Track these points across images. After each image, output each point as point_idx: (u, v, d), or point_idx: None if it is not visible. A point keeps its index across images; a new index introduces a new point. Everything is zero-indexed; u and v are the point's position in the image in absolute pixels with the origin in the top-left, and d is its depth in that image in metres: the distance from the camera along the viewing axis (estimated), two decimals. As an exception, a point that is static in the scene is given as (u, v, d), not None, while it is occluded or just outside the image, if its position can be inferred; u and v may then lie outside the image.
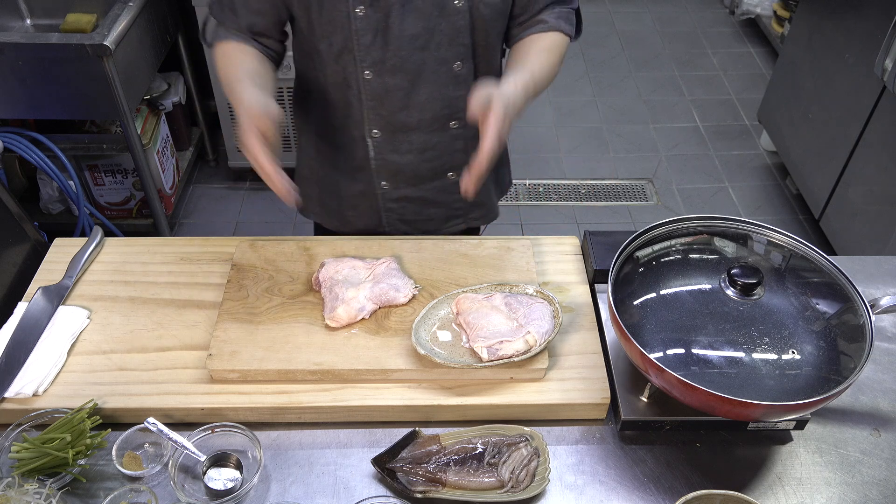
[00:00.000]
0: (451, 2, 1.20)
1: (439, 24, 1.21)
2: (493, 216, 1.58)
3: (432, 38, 1.22)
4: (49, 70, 2.19)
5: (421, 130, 1.33)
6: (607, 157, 3.39)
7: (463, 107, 1.31)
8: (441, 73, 1.27)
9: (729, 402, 0.90)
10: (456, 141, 1.37)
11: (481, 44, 1.27)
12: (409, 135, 1.33)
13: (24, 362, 1.10)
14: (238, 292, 1.20)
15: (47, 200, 2.76)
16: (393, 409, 1.07)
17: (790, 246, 1.12)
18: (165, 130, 2.82)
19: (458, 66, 1.27)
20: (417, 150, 1.36)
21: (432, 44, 1.23)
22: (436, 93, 1.29)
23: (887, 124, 2.43)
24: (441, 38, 1.23)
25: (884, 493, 1.02)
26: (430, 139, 1.35)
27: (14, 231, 1.34)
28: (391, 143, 1.35)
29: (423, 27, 1.21)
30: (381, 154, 1.37)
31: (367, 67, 1.24)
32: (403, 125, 1.32)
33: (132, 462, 1.01)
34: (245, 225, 2.99)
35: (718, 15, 4.48)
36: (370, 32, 1.20)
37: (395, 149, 1.36)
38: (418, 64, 1.25)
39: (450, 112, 1.32)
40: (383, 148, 1.36)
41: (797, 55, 2.99)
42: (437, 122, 1.33)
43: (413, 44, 1.22)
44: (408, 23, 1.20)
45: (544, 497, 1.00)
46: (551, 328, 1.10)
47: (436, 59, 1.25)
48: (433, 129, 1.34)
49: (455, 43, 1.24)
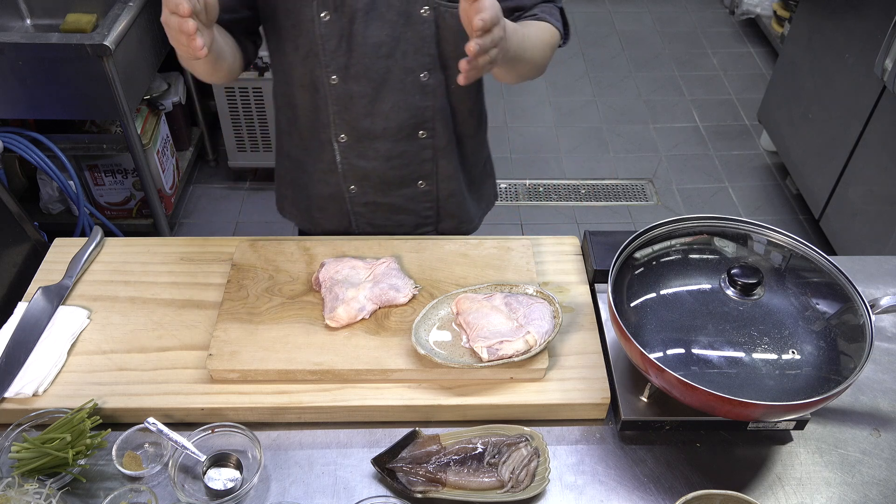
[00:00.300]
0: (417, 10, 1.18)
1: (405, 32, 1.20)
2: (470, 228, 1.56)
3: (398, 47, 1.21)
4: (49, 70, 2.19)
5: (387, 138, 1.32)
6: (607, 157, 3.39)
7: (430, 117, 1.31)
8: (407, 82, 1.25)
9: (729, 402, 0.90)
10: (424, 150, 1.36)
11: (451, 54, 1.25)
12: (374, 142, 1.33)
13: (24, 362, 1.10)
14: (238, 292, 1.20)
15: (47, 200, 2.76)
16: (393, 409, 1.07)
17: (790, 246, 1.12)
18: (165, 130, 2.82)
19: (424, 75, 1.25)
20: (384, 158, 1.35)
21: (398, 52, 1.22)
22: (401, 101, 1.27)
23: (887, 124, 2.43)
24: (407, 46, 1.21)
25: (884, 493, 1.02)
26: (396, 147, 1.34)
27: (14, 231, 1.34)
28: (357, 149, 1.34)
29: (387, 35, 1.20)
30: (347, 159, 1.36)
31: (332, 72, 1.24)
32: (368, 132, 1.31)
33: (132, 462, 1.01)
34: (245, 225, 2.99)
35: (718, 15, 4.48)
36: (335, 38, 1.20)
37: (361, 155, 1.35)
38: (383, 72, 1.24)
39: (417, 122, 1.31)
40: (349, 153, 1.35)
41: (797, 55, 2.99)
42: (404, 130, 1.32)
43: (377, 51, 1.21)
44: (371, 30, 1.19)
45: (544, 497, 1.00)
46: (551, 328, 1.10)
47: (401, 68, 1.24)
48: (399, 138, 1.33)
49: (421, 52, 1.22)
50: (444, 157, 1.39)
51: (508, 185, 3.22)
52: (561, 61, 4.02)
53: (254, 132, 2.97)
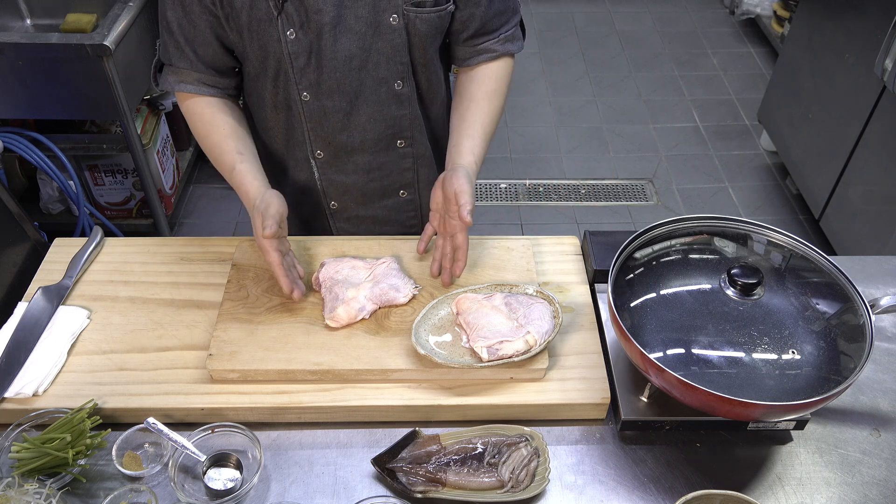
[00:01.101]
0: (387, 20, 1.17)
1: (375, 43, 1.19)
2: None
3: (369, 58, 1.20)
4: (49, 70, 2.19)
5: (365, 151, 1.32)
6: (607, 157, 3.39)
7: (407, 125, 1.31)
8: (381, 92, 1.25)
9: (729, 402, 0.90)
10: (404, 160, 1.36)
11: (420, 61, 1.25)
12: (352, 155, 1.32)
13: (24, 362, 1.10)
14: (238, 292, 1.20)
15: (47, 200, 2.76)
16: (393, 409, 1.07)
17: (790, 246, 1.12)
18: (165, 130, 2.82)
19: (398, 84, 1.25)
20: (363, 171, 1.35)
21: (370, 64, 1.21)
22: (377, 113, 1.27)
23: (887, 124, 2.43)
24: (378, 57, 1.21)
25: (884, 493, 1.02)
26: (376, 159, 1.34)
27: (14, 231, 1.34)
28: (335, 164, 1.34)
29: (357, 47, 1.18)
30: (325, 175, 1.36)
31: (304, 89, 1.23)
32: (346, 146, 1.31)
33: (132, 462, 1.01)
34: (245, 225, 2.99)
35: (718, 15, 4.48)
36: (303, 55, 1.18)
37: (339, 169, 1.35)
38: (356, 85, 1.23)
39: (394, 132, 1.31)
40: (327, 169, 1.35)
41: (797, 55, 2.99)
42: (382, 142, 1.31)
43: (349, 65, 1.20)
44: (341, 44, 1.18)
45: (544, 497, 1.00)
46: (551, 328, 1.10)
47: (374, 79, 1.23)
48: (378, 150, 1.32)
49: (393, 62, 1.22)
50: (424, 164, 1.39)
51: (508, 185, 3.22)
52: (561, 61, 4.03)
53: (254, 132, 2.97)
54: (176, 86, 1.24)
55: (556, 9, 4.51)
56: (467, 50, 1.28)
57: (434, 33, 1.22)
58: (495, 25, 1.26)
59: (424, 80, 1.29)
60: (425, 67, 1.26)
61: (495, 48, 1.27)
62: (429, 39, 1.22)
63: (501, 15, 1.26)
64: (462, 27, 1.25)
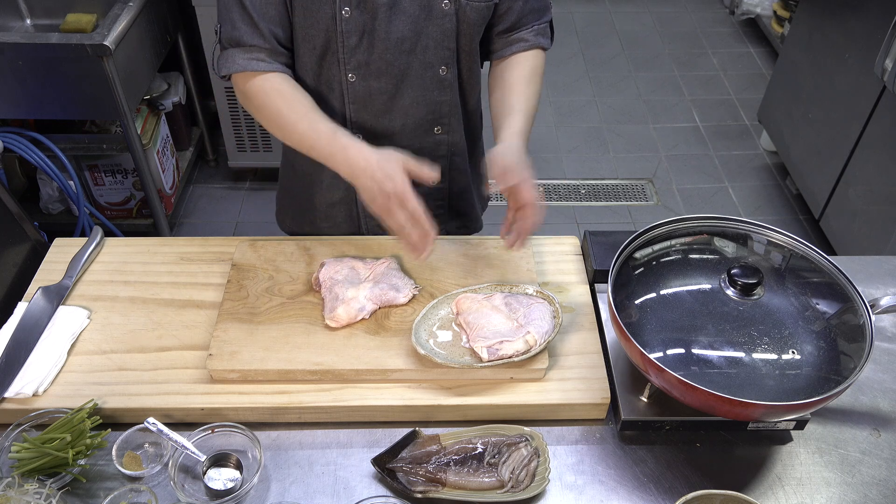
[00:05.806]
0: (439, 4, 1.19)
1: (426, 27, 1.21)
2: (475, 228, 1.58)
3: (419, 42, 1.22)
4: (49, 70, 2.19)
5: (404, 135, 1.32)
6: (607, 157, 3.39)
7: (447, 112, 1.32)
8: (426, 77, 1.26)
9: (729, 402, 0.90)
10: (440, 147, 1.36)
11: (465, 49, 1.27)
12: (392, 139, 1.32)
13: (24, 362, 1.10)
14: (238, 292, 1.20)
15: (47, 200, 2.76)
16: (393, 409, 1.07)
17: (790, 246, 1.12)
18: (165, 130, 2.82)
19: (443, 70, 1.26)
20: None
21: (419, 47, 1.22)
22: (420, 97, 1.28)
23: (887, 124, 2.43)
24: (428, 41, 1.22)
25: (884, 493, 1.02)
26: (413, 144, 1.33)
27: (14, 231, 1.34)
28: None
29: (409, 30, 1.20)
30: None
31: (350, 70, 1.23)
32: (386, 130, 1.31)
33: (132, 462, 1.01)
34: (245, 225, 2.99)
35: (718, 15, 4.48)
36: (356, 34, 1.19)
37: None
38: (403, 67, 1.24)
39: (434, 117, 1.31)
40: None
41: (797, 55, 2.99)
42: (422, 127, 1.32)
43: (400, 47, 1.21)
44: (394, 25, 1.19)
45: (544, 497, 1.00)
46: (551, 328, 1.10)
47: (422, 63, 1.24)
48: (417, 135, 1.33)
49: (441, 46, 1.23)
50: (458, 153, 1.40)
51: (508, 185, 3.22)
52: (561, 61, 4.03)
53: (254, 132, 2.97)
54: (248, 64, 1.20)
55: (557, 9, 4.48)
56: (501, 41, 1.32)
57: (481, 22, 1.25)
58: (529, 20, 1.31)
59: (466, 69, 1.31)
60: (469, 56, 1.29)
61: (528, 38, 1.31)
62: (476, 28, 1.25)
63: (536, 11, 1.31)
64: (499, 20, 1.29)
